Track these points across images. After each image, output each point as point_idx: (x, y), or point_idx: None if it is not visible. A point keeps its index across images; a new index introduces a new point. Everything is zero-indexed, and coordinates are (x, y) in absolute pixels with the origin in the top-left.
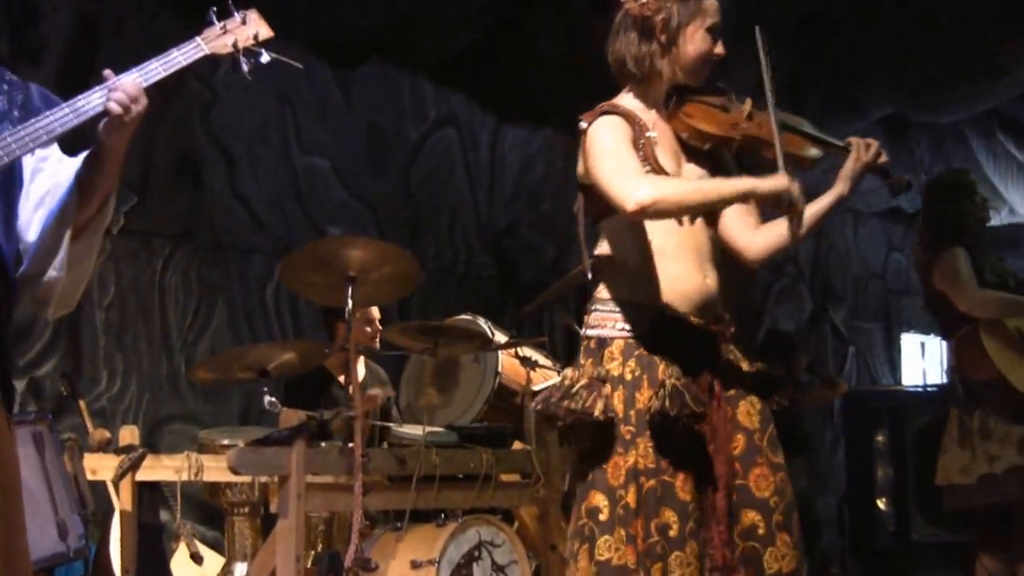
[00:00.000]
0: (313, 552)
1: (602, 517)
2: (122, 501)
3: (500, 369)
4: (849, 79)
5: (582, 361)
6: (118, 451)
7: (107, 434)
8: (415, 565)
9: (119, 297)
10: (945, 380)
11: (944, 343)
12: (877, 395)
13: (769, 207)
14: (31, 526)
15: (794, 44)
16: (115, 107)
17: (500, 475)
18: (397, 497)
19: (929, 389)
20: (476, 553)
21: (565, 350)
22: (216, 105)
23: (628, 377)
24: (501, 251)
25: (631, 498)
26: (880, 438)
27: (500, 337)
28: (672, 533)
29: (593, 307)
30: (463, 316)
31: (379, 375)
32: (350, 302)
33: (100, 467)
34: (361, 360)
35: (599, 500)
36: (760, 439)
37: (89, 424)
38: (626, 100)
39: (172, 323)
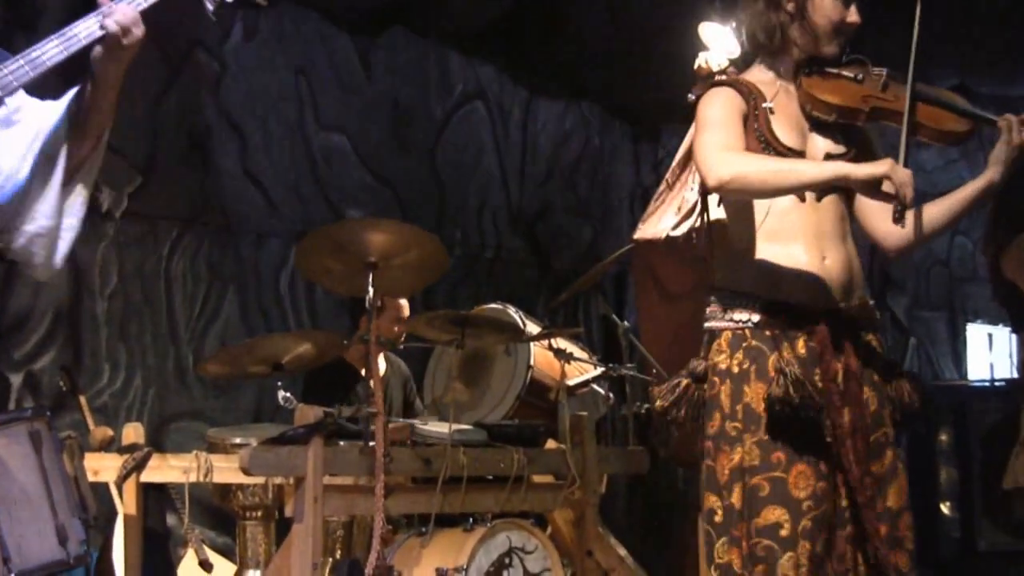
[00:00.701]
0: (331, 559)
1: (717, 519)
2: (126, 504)
3: (532, 362)
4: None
5: (701, 354)
6: (121, 450)
7: (109, 432)
8: (441, 574)
9: (122, 285)
10: (1015, 374)
11: (1014, 335)
12: (940, 391)
13: (869, 195)
14: (28, 531)
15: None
16: (114, 26)
17: (532, 476)
18: (422, 500)
19: (997, 384)
20: (507, 560)
21: (602, 341)
22: (226, 78)
23: (735, 370)
24: (533, 235)
25: (735, 498)
26: (944, 438)
27: (532, 328)
28: (783, 533)
29: (710, 296)
30: (492, 305)
31: (400, 369)
32: (371, 290)
33: (102, 468)
34: (381, 354)
35: (713, 502)
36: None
37: (90, 421)
38: (754, 72)
39: (179, 313)
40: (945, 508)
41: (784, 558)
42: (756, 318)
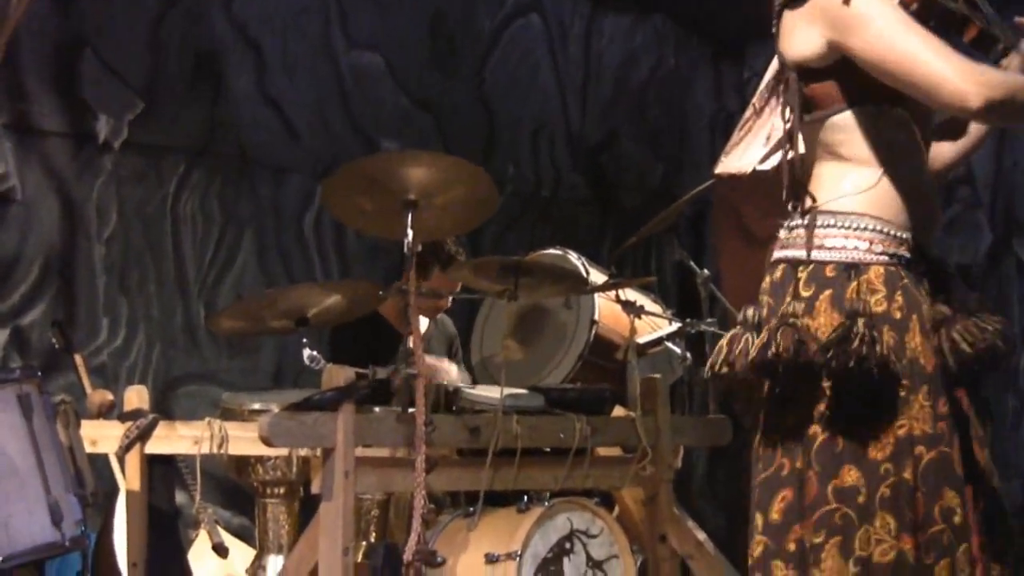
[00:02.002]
0: (364, 543)
1: (860, 500)
2: (128, 479)
3: (597, 317)
4: None
5: (802, 292)
6: (123, 417)
7: (109, 396)
8: (491, 560)
9: (122, 227)
10: None
11: None
12: None
13: None
14: (17, 509)
15: None
16: None
17: (597, 449)
18: (468, 475)
19: None
20: (567, 545)
21: (678, 292)
22: None
23: (896, 316)
24: (597, 169)
25: (908, 474)
26: None
27: (597, 277)
28: (957, 520)
29: (822, 222)
30: (550, 250)
31: (444, 326)
32: (410, 232)
33: (101, 437)
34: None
35: (854, 477)
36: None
37: (87, 384)
38: None
39: (188, 260)
40: None
41: (960, 551)
42: (908, 254)
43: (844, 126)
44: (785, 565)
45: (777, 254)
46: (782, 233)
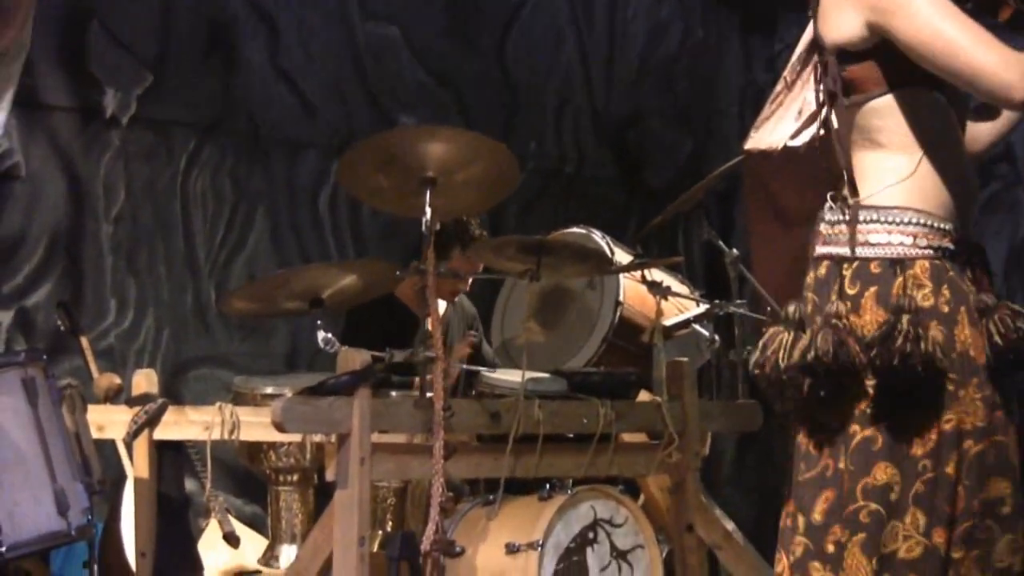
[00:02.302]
0: (380, 532)
1: (893, 497)
2: (136, 466)
3: (622, 298)
4: None
5: (847, 289)
6: (131, 402)
7: (117, 380)
8: (512, 549)
9: (130, 205)
10: None
11: None
12: None
13: None
14: (21, 497)
15: None
16: None
17: (621, 435)
18: (488, 462)
19: None
20: (591, 534)
21: (706, 273)
22: None
23: (944, 309)
24: (623, 146)
25: (951, 468)
26: None
27: (622, 256)
28: (1005, 510)
29: (864, 217)
30: (574, 229)
31: (464, 307)
32: (428, 211)
33: (108, 422)
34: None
35: (889, 475)
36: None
37: (94, 368)
38: None
39: (199, 239)
40: None
41: (1003, 541)
42: (952, 245)
43: (882, 111)
44: (823, 566)
45: (820, 250)
46: (823, 228)
